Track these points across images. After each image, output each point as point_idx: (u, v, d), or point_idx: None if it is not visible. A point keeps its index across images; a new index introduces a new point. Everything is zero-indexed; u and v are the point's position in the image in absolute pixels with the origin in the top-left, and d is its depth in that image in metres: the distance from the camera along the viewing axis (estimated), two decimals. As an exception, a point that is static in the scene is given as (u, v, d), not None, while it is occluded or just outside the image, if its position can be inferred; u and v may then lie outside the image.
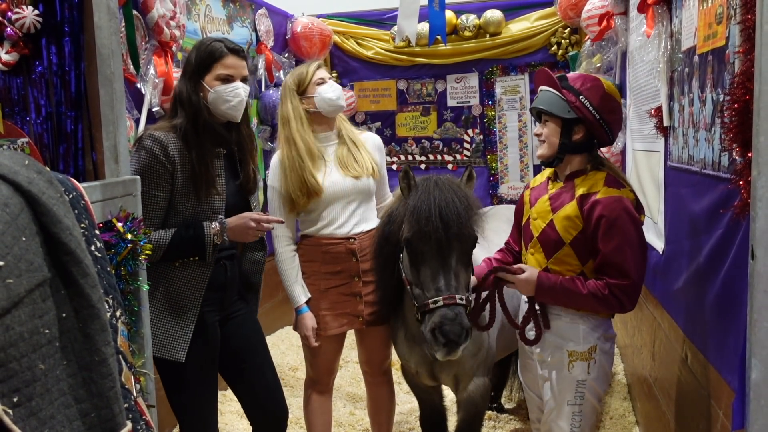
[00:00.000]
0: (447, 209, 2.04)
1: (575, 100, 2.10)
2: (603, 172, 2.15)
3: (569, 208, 2.12)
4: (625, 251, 2.03)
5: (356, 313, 2.57)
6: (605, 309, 2.11)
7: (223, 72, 2.15)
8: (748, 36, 1.57)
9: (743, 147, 1.56)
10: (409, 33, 4.07)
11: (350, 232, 2.55)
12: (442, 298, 1.99)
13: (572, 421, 2.16)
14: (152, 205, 2.08)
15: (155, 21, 3.11)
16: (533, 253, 2.23)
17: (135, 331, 1.69)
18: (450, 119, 5.50)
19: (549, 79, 2.17)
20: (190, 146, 2.11)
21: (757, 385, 1.38)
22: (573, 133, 2.14)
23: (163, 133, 2.11)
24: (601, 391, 2.21)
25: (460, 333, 1.95)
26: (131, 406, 1.31)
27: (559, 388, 2.18)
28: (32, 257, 1.01)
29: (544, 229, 2.18)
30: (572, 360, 2.14)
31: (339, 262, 2.54)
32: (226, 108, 2.16)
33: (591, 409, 2.18)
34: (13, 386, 0.96)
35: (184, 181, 2.11)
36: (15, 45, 2.19)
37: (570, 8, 4.58)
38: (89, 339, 1.11)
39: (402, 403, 3.71)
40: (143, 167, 2.07)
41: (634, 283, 2.04)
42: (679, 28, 2.46)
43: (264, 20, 4.69)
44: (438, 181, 2.15)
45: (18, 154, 1.10)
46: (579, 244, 2.10)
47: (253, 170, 2.34)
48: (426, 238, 2.04)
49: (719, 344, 1.93)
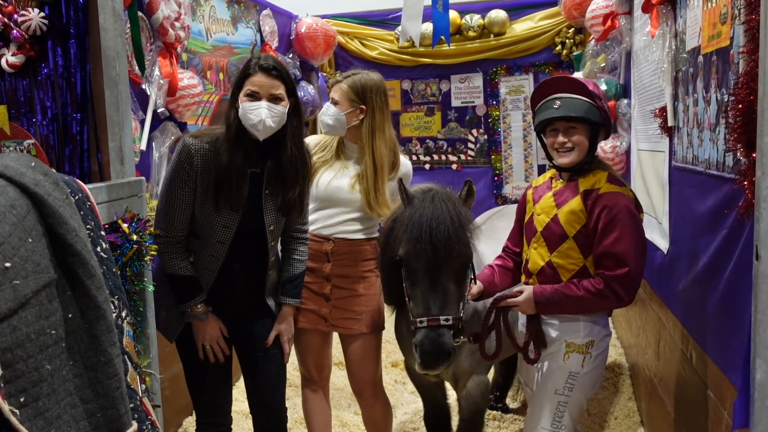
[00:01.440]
0: (437, 230, 2.07)
1: (602, 105, 2.17)
2: (605, 172, 2.19)
3: (574, 202, 2.15)
4: (624, 241, 2.05)
5: (321, 314, 2.57)
6: (604, 305, 2.12)
7: (250, 88, 2.15)
8: (752, 36, 1.57)
9: (747, 147, 1.56)
10: (413, 34, 4.07)
11: (332, 235, 2.55)
12: (427, 319, 2.06)
13: (556, 411, 2.18)
14: (177, 205, 2.18)
15: (160, 22, 3.12)
16: (536, 247, 2.25)
17: (140, 331, 1.70)
18: (454, 119, 5.50)
19: (575, 86, 2.17)
20: (220, 157, 2.15)
21: (761, 385, 1.38)
22: (599, 136, 2.21)
23: (196, 139, 2.17)
24: (590, 389, 2.22)
25: (440, 353, 2.03)
26: (137, 406, 1.31)
27: (551, 377, 2.20)
28: (39, 258, 1.02)
29: (548, 224, 2.21)
30: (569, 351, 2.18)
31: (314, 260, 2.54)
32: (249, 126, 2.15)
33: (577, 404, 2.20)
34: (20, 387, 0.97)
35: (205, 189, 2.16)
36: (21, 47, 2.20)
37: (574, 8, 4.57)
38: (95, 340, 1.11)
39: (407, 404, 3.71)
40: (172, 169, 2.18)
41: (631, 273, 2.05)
42: (684, 28, 2.45)
43: (268, 21, 4.70)
44: (435, 196, 2.16)
45: (24, 155, 1.11)
46: (582, 237, 2.14)
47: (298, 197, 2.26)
48: (417, 258, 2.10)
49: (724, 344, 1.93)
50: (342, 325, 2.59)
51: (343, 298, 2.57)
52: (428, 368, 2.06)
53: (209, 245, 2.21)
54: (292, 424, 3.41)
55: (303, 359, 2.70)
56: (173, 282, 2.23)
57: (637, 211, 2.16)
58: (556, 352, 2.20)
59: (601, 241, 2.08)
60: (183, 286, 2.23)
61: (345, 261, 2.55)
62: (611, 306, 2.15)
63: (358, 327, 2.58)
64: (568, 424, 2.18)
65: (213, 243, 2.21)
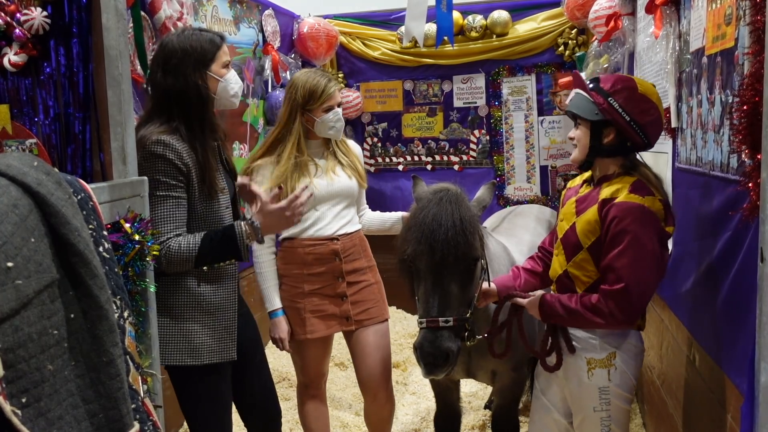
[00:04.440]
0: (437, 232, 2.06)
1: (603, 102, 2.03)
2: (632, 177, 2.04)
3: (590, 212, 2.05)
4: (627, 256, 1.93)
5: (344, 314, 2.58)
6: (601, 321, 1.99)
7: (226, 58, 2.10)
8: (757, 37, 1.56)
9: (752, 149, 1.55)
10: (417, 35, 4.06)
11: (335, 233, 2.56)
12: (426, 320, 2.05)
13: (602, 427, 2.11)
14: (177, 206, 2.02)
15: (162, 22, 3.12)
16: (557, 254, 2.19)
17: (142, 331, 1.69)
18: (456, 120, 5.49)
19: (579, 82, 2.14)
20: (196, 146, 2.03)
21: (766, 388, 1.37)
22: (603, 135, 2.07)
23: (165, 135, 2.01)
24: (628, 393, 2.12)
25: (438, 356, 2.02)
26: (139, 407, 1.31)
27: (581, 396, 2.12)
28: (41, 258, 1.02)
29: (566, 232, 2.14)
30: (591, 368, 2.09)
31: (323, 263, 2.55)
32: (230, 96, 2.12)
33: (620, 411, 2.11)
34: (22, 387, 0.96)
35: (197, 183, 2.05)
36: (24, 46, 2.20)
37: (577, 9, 4.56)
38: (97, 340, 1.11)
39: (407, 405, 3.71)
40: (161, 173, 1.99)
41: (626, 290, 1.92)
42: (688, 29, 2.45)
43: (271, 21, 4.69)
44: (443, 197, 2.15)
45: (27, 155, 1.10)
46: (596, 249, 2.04)
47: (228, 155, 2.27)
48: (419, 259, 2.11)
49: (727, 347, 1.92)
50: (366, 316, 2.61)
51: (359, 291, 2.60)
52: (430, 372, 2.05)
53: None
54: (293, 425, 3.41)
55: (306, 367, 2.68)
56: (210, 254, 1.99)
57: (666, 222, 2.00)
58: (580, 370, 2.10)
59: (607, 254, 1.98)
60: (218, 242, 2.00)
61: (353, 255, 2.59)
62: (608, 324, 2.00)
63: (380, 313, 2.65)
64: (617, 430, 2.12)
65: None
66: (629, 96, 2.03)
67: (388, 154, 5.56)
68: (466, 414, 3.44)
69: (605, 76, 2.12)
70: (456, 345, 2.06)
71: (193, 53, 2.04)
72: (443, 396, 2.71)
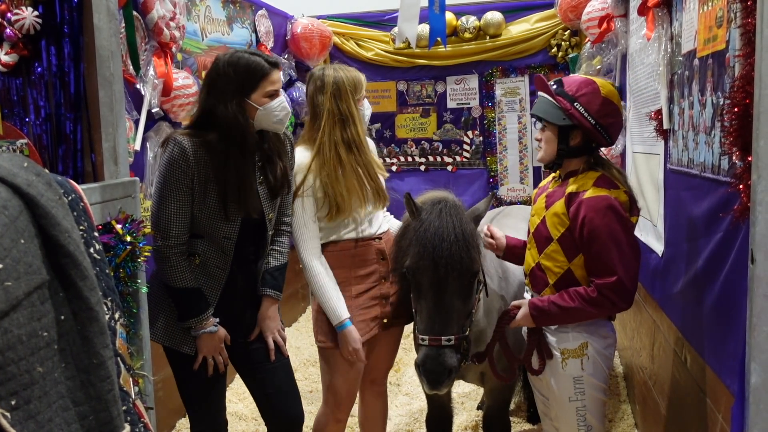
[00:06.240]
0: (440, 247, 2.05)
1: (570, 107, 2.10)
2: (597, 173, 2.15)
3: (558, 205, 2.14)
4: (610, 249, 2.02)
5: (382, 316, 2.48)
6: (602, 312, 2.10)
7: (271, 88, 2.12)
8: (748, 40, 1.57)
9: (743, 151, 1.56)
10: (410, 36, 4.07)
11: (376, 232, 2.49)
12: (429, 338, 2.05)
13: (578, 417, 2.18)
14: (176, 207, 2.09)
15: (155, 22, 3.11)
16: (530, 248, 2.27)
17: (133, 333, 1.68)
18: (450, 121, 5.50)
19: (544, 86, 2.19)
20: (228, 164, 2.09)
21: (756, 389, 1.38)
22: (570, 138, 2.15)
23: (187, 138, 2.09)
24: (602, 383, 2.19)
25: (442, 373, 2.04)
26: (129, 409, 1.30)
27: (558, 387, 2.20)
28: (31, 260, 1.01)
29: (538, 226, 2.22)
30: (565, 358, 2.17)
31: (370, 263, 2.45)
32: (274, 122, 2.14)
33: (595, 401, 2.18)
34: (11, 389, 0.96)
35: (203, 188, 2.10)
36: (14, 46, 2.18)
37: (570, 10, 4.58)
38: (88, 342, 1.10)
39: (400, 405, 3.70)
40: (167, 169, 2.09)
41: (621, 280, 2.02)
42: (680, 31, 2.46)
43: (264, 21, 4.69)
44: (442, 209, 2.14)
45: (17, 155, 1.10)
46: (566, 241, 2.12)
47: (283, 169, 2.24)
48: (421, 273, 2.09)
49: (718, 348, 1.93)
50: (394, 316, 2.51)
51: (395, 293, 2.49)
52: (434, 388, 2.06)
53: (216, 242, 2.16)
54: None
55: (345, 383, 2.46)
56: (177, 296, 2.13)
57: (632, 213, 2.12)
58: (556, 362, 2.20)
59: (588, 251, 2.07)
60: (189, 300, 2.12)
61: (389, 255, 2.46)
62: (609, 313, 2.14)
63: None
64: (593, 423, 2.18)
65: (219, 239, 2.16)
66: (593, 100, 2.10)
67: (382, 154, 5.56)
68: (458, 414, 3.45)
69: (568, 79, 2.19)
70: (457, 360, 2.08)
71: (235, 79, 2.09)
72: (435, 397, 2.71)
